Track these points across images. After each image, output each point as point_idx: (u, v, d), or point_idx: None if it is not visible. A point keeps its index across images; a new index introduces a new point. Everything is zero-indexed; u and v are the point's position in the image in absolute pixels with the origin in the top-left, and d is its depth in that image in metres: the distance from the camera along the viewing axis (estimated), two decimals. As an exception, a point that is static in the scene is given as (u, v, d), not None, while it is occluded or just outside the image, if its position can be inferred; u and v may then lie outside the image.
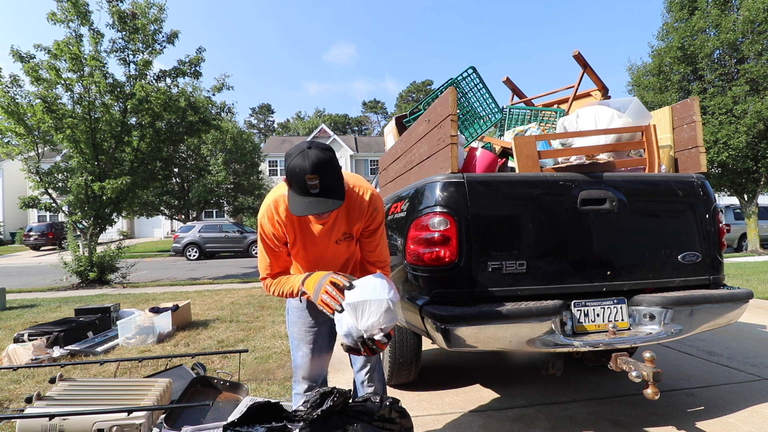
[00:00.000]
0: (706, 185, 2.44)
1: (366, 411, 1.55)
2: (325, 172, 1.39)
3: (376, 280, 1.55)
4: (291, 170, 1.40)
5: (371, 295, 1.48)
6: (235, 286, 8.74)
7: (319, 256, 1.75)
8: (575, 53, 3.15)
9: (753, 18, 11.47)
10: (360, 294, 1.49)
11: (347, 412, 1.54)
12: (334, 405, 1.49)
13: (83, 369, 3.54)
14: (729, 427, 2.37)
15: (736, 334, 4.20)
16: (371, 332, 1.47)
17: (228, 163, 24.39)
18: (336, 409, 1.50)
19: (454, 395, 2.91)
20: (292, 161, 1.40)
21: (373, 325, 1.46)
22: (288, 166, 1.41)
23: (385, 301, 1.48)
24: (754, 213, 13.34)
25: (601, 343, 2.08)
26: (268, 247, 1.69)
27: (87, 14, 8.99)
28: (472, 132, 3.32)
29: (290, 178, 1.42)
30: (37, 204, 9.64)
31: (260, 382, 3.19)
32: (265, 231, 1.66)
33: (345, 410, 1.54)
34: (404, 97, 53.41)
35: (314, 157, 1.38)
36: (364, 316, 1.46)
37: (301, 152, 1.39)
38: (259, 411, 1.52)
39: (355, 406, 1.57)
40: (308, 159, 1.37)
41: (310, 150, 1.39)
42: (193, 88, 10.94)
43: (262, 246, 1.70)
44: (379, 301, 1.47)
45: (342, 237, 1.72)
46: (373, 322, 1.46)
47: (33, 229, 22.63)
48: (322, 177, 1.39)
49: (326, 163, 1.39)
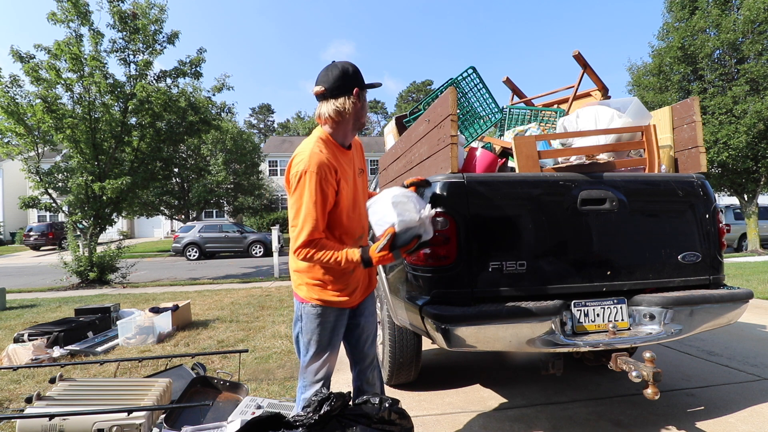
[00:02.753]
0: (706, 185, 2.44)
1: (365, 414, 1.56)
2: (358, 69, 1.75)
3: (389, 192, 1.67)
4: (354, 72, 1.71)
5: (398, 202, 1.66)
6: (235, 286, 8.74)
7: (352, 202, 1.76)
8: (575, 53, 3.15)
9: (754, 18, 11.47)
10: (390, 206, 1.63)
11: (346, 415, 1.54)
12: (332, 409, 1.50)
13: (83, 369, 3.54)
14: (729, 427, 2.37)
15: (736, 334, 4.20)
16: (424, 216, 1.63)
17: (228, 163, 24.40)
18: (334, 413, 1.51)
19: (454, 395, 2.91)
20: (352, 69, 1.71)
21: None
22: (350, 71, 1.70)
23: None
24: (754, 213, 13.34)
25: (601, 343, 2.08)
26: (321, 198, 1.57)
27: (87, 14, 8.99)
28: (472, 132, 3.32)
29: (358, 76, 1.72)
30: (37, 204, 9.64)
31: (260, 382, 3.19)
32: (323, 178, 1.57)
33: (344, 413, 1.54)
34: (404, 97, 53.38)
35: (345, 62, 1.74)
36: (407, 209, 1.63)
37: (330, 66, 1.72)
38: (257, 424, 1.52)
39: (354, 409, 1.57)
40: (343, 64, 1.72)
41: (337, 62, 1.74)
42: (193, 88, 10.95)
43: (312, 200, 1.56)
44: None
45: (359, 171, 1.85)
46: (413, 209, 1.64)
47: (33, 229, 22.63)
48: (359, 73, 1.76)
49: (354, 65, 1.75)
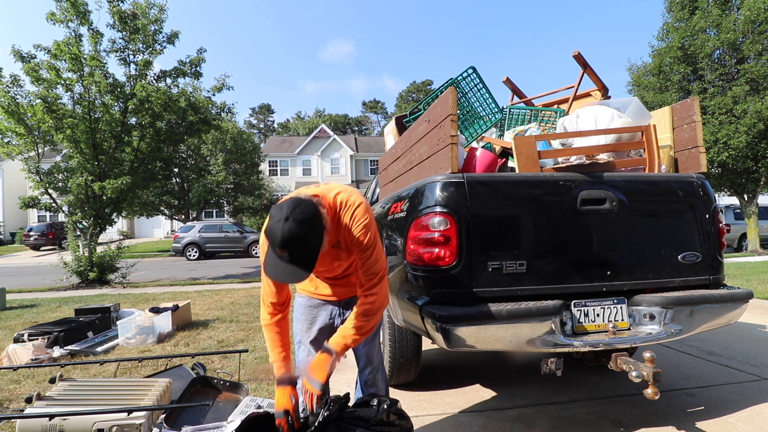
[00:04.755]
0: (706, 185, 2.44)
1: (363, 416, 1.55)
2: (294, 247, 1.37)
3: None
4: (267, 233, 1.40)
5: None
6: (235, 286, 8.74)
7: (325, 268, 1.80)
8: (575, 53, 3.15)
9: (754, 18, 11.46)
10: None
11: (344, 418, 1.54)
12: (330, 414, 1.49)
13: (83, 369, 3.54)
14: (729, 427, 2.37)
15: (736, 334, 4.20)
16: None
17: (228, 163, 24.40)
18: (332, 417, 1.51)
19: (454, 395, 2.90)
20: (270, 226, 1.39)
21: None
22: (267, 227, 1.41)
23: None
24: (754, 213, 13.33)
25: (601, 343, 2.08)
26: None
27: (86, 14, 8.97)
28: (472, 132, 3.32)
29: (267, 237, 1.41)
30: (37, 204, 9.63)
31: (260, 382, 3.19)
32: None
33: (342, 417, 1.54)
34: (404, 97, 53.39)
35: (287, 232, 1.35)
36: None
37: (278, 221, 1.37)
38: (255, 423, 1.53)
39: (352, 412, 1.56)
40: (279, 234, 1.35)
41: (286, 222, 1.35)
42: (193, 88, 10.93)
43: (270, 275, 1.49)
44: None
45: (334, 243, 1.68)
46: None
47: (33, 229, 22.62)
48: (290, 251, 1.38)
49: (299, 239, 1.37)
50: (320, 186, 1.71)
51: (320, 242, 1.45)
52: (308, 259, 1.42)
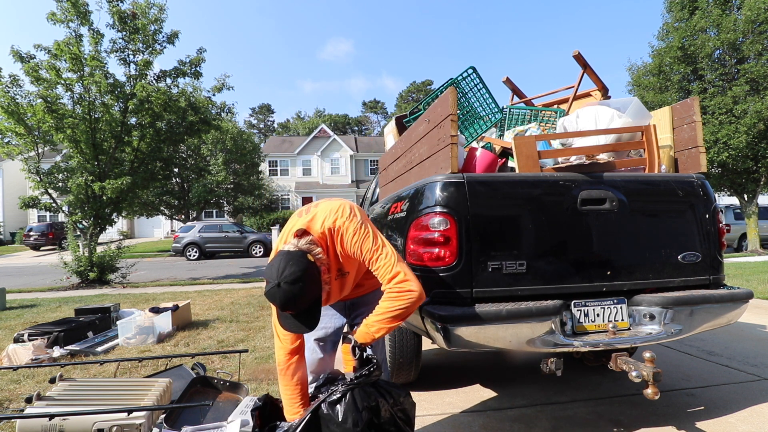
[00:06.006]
0: (706, 185, 2.44)
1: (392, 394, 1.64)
2: (295, 305, 1.46)
3: None
4: (267, 297, 1.48)
5: None
6: (235, 286, 8.74)
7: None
8: (575, 53, 3.14)
9: (754, 18, 11.46)
10: None
11: (380, 386, 1.64)
12: (371, 373, 1.57)
13: (83, 369, 3.54)
14: (729, 427, 2.37)
15: (736, 334, 4.20)
16: None
17: (228, 163, 24.41)
18: (373, 379, 1.59)
19: (454, 395, 2.90)
20: (267, 291, 1.47)
21: None
22: (265, 291, 1.49)
23: None
24: (754, 213, 13.33)
25: (601, 343, 2.08)
26: None
27: (87, 14, 8.98)
28: (472, 132, 3.32)
29: (268, 300, 1.50)
30: (37, 204, 9.63)
31: (260, 382, 3.19)
32: None
33: (379, 384, 1.64)
34: (404, 97, 53.39)
35: (283, 296, 1.43)
36: None
37: (273, 287, 1.44)
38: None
39: (386, 385, 1.66)
40: (278, 299, 1.44)
41: (280, 288, 1.43)
42: (193, 88, 10.93)
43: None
44: None
45: (337, 274, 1.73)
46: None
47: (33, 229, 22.60)
48: (293, 309, 1.48)
49: (296, 299, 1.45)
50: (308, 212, 1.70)
51: (318, 290, 1.52)
52: (312, 309, 1.52)
